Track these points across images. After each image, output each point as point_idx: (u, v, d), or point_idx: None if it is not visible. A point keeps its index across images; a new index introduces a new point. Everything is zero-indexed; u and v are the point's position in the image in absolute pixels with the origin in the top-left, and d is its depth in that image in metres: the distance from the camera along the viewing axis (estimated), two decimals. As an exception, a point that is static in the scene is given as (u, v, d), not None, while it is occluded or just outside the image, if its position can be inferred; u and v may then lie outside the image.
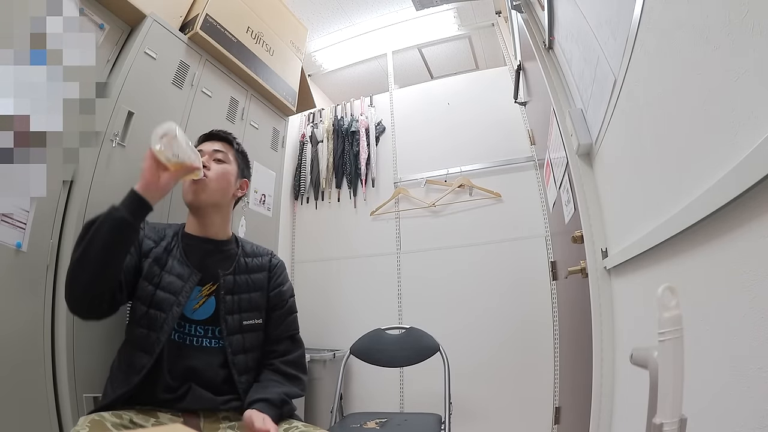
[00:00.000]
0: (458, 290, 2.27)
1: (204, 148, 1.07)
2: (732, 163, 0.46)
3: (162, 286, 0.94)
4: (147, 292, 0.93)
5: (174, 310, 0.92)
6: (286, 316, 1.07)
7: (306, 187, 2.82)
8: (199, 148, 1.07)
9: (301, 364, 1.05)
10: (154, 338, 0.89)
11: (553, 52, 1.49)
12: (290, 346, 1.06)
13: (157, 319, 0.91)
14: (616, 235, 1.04)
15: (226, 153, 1.09)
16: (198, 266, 0.98)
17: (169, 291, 0.93)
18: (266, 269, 1.09)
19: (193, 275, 0.96)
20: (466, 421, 2.07)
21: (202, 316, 0.96)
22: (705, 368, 0.57)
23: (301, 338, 1.09)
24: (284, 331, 1.06)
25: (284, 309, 1.07)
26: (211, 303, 0.97)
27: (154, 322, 0.91)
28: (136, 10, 1.23)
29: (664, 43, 0.65)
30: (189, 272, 0.97)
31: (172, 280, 0.94)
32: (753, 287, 0.46)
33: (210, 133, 1.13)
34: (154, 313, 0.91)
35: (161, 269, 0.95)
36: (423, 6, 2.56)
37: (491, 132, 2.43)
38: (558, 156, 1.46)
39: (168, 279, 0.94)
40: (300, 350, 1.07)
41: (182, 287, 0.94)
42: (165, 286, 0.94)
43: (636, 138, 0.83)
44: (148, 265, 0.95)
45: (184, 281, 0.95)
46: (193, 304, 0.96)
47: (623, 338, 1.02)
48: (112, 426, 0.76)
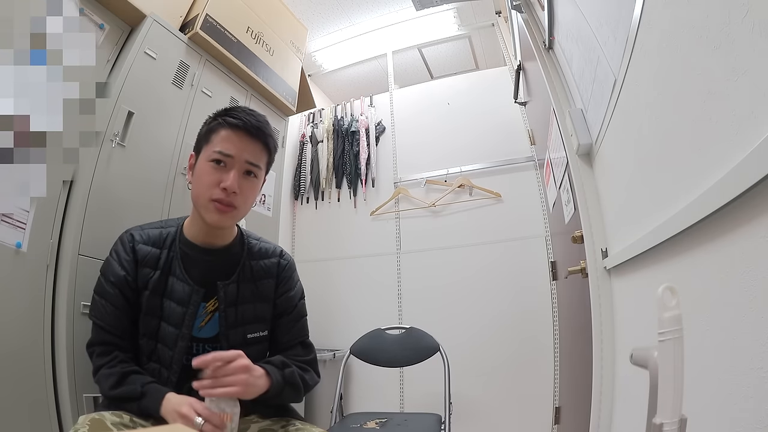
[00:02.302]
0: (458, 290, 2.27)
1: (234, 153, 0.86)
2: (732, 163, 0.46)
3: (165, 317, 0.88)
4: (152, 327, 0.88)
5: (179, 345, 0.86)
6: (296, 321, 1.00)
7: (306, 187, 2.82)
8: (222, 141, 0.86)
9: (314, 365, 0.99)
10: (166, 376, 0.86)
11: (553, 52, 1.49)
12: (301, 352, 0.98)
13: (166, 356, 0.87)
14: (616, 235, 1.04)
15: (260, 166, 0.90)
16: (200, 281, 0.89)
17: (172, 323, 0.87)
18: (274, 275, 0.99)
19: (194, 294, 0.88)
20: (466, 421, 2.07)
21: (208, 334, 0.91)
22: (705, 368, 0.57)
23: (312, 342, 1.02)
24: (294, 337, 0.99)
25: (293, 314, 1.00)
26: (217, 319, 0.91)
27: (163, 358, 0.87)
28: (136, 10, 1.23)
29: (664, 43, 0.65)
30: (190, 291, 0.88)
31: (173, 308, 0.88)
32: (753, 287, 0.46)
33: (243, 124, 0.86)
34: (162, 349, 0.87)
35: (161, 297, 0.88)
36: (423, 6, 2.56)
37: (491, 132, 2.43)
38: (558, 156, 1.46)
39: (170, 308, 0.88)
40: (312, 354, 1.00)
41: (184, 314, 0.87)
42: (168, 317, 0.88)
43: (636, 138, 0.82)
44: (147, 299, 0.87)
45: (185, 306, 0.88)
46: (198, 322, 0.89)
47: (623, 338, 1.02)
48: (112, 425, 0.76)
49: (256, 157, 0.89)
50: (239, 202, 0.87)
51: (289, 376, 0.87)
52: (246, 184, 0.88)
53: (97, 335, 0.88)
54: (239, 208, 0.88)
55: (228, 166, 0.86)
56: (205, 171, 0.87)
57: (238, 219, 0.92)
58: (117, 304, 0.87)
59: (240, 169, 0.87)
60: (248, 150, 0.88)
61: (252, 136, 0.88)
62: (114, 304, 0.87)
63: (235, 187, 0.85)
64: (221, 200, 0.85)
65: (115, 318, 0.87)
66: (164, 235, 0.92)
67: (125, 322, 0.88)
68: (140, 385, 0.80)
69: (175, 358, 0.87)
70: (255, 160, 0.89)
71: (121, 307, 0.87)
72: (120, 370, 0.82)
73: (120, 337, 0.87)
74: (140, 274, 0.88)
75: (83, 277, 1.02)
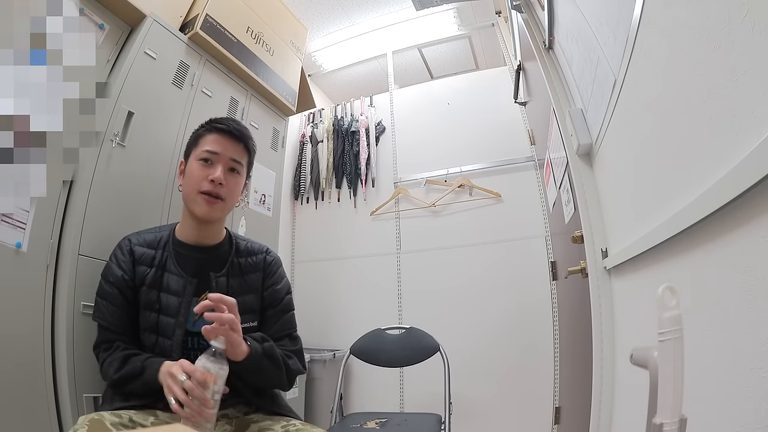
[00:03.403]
0: (458, 290, 2.27)
1: (219, 150, 0.97)
2: (732, 163, 0.46)
3: (162, 309, 0.93)
4: (151, 321, 0.93)
5: (177, 333, 0.92)
6: (282, 314, 1.05)
7: (306, 187, 2.82)
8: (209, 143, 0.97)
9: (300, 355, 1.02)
10: None
11: (553, 52, 1.49)
12: (288, 343, 1.03)
13: (166, 347, 0.92)
14: (616, 235, 1.04)
15: (242, 162, 1.02)
16: (192, 275, 0.96)
17: (169, 314, 0.93)
18: (261, 269, 1.06)
19: (188, 285, 0.95)
20: (466, 421, 2.07)
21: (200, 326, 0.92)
22: (705, 368, 0.57)
23: (299, 336, 1.06)
24: (281, 329, 1.03)
25: (279, 307, 1.05)
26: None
27: (164, 349, 0.92)
28: (136, 10, 1.23)
29: (664, 43, 0.65)
30: (184, 283, 0.95)
31: (170, 300, 0.94)
32: (753, 287, 0.46)
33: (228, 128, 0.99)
34: (162, 340, 0.93)
35: (158, 291, 0.94)
36: (423, 6, 2.56)
37: (491, 132, 2.43)
38: (558, 156, 1.46)
39: (167, 301, 0.94)
40: (298, 346, 1.04)
41: (179, 304, 0.93)
42: (165, 308, 0.93)
43: (636, 138, 0.83)
44: (145, 294, 0.94)
45: (180, 296, 0.94)
46: (193, 317, 0.93)
47: (623, 338, 1.02)
48: (111, 425, 0.76)
49: (239, 156, 1.01)
50: (225, 194, 0.97)
51: (268, 349, 0.91)
52: (231, 179, 0.99)
53: (101, 335, 0.94)
54: (226, 200, 0.98)
55: (215, 162, 0.97)
56: (194, 169, 0.98)
57: (226, 212, 1.01)
58: (117, 303, 0.93)
59: (225, 166, 0.98)
60: (232, 149, 0.99)
61: (235, 138, 1.00)
62: (114, 303, 0.93)
63: (221, 179, 0.96)
64: (210, 192, 0.95)
65: (117, 316, 0.93)
66: (158, 238, 1.01)
67: (126, 320, 0.94)
68: (140, 362, 0.86)
69: (174, 348, 0.92)
70: (238, 158, 1.00)
71: (120, 305, 0.93)
72: (121, 354, 0.89)
73: (122, 334, 0.93)
74: (137, 272, 0.95)
75: (83, 277, 1.02)
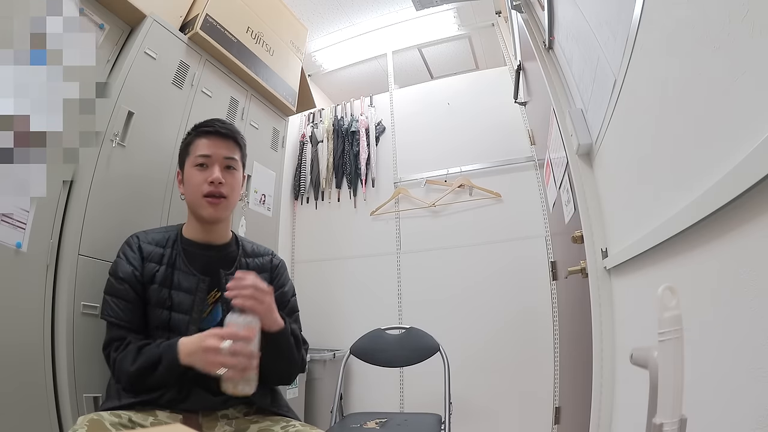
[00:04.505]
0: (458, 290, 2.27)
1: (212, 152, 0.99)
2: (732, 163, 0.46)
3: (174, 307, 0.93)
4: (162, 318, 0.92)
5: (190, 330, 0.91)
6: (289, 315, 1.05)
7: (306, 187, 2.82)
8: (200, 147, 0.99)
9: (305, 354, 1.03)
10: None
11: (553, 52, 1.49)
12: None
13: None
14: (616, 235, 1.04)
15: (236, 158, 1.03)
16: (203, 272, 0.97)
17: (181, 311, 0.93)
18: (268, 270, 1.08)
19: (201, 283, 0.96)
20: (466, 421, 2.07)
21: (211, 324, 0.95)
22: (705, 368, 0.57)
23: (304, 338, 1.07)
24: None
25: (286, 309, 1.05)
26: (218, 310, 0.97)
27: None
28: (136, 10, 1.23)
29: (664, 43, 0.65)
30: (196, 281, 0.95)
31: (182, 298, 0.94)
32: (753, 287, 0.46)
33: (215, 129, 1.01)
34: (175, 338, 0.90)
35: (170, 289, 0.94)
36: (423, 6, 2.56)
37: (491, 132, 2.43)
38: (558, 156, 1.46)
39: (178, 298, 0.94)
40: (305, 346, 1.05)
41: (192, 302, 0.94)
42: (177, 306, 0.93)
43: (636, 138, 0.83)
44: (155, 292, 0.93)
45: (193, 294, 0.94)
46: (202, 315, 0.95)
47: (623, 338, 1.02)
48: (110, 425, 0.76)
49: (231, 152, 1.02)
50: (227, 191, 0.99)
51: (292, 328, 0.97)
52: (229, 176, 1.01)
53: (111, 332, 0.92)
54: (228, 197, 1.00)
55: (210, 164, 0.99)
56: (192, 175, 0.99)
57: (230, 209, 1.03)
58: (128, 298, 0.93)
59: (221, 165, 1.00)
60: (223, 148, 1.01)
61: (223, 136, 1.02)
62: (125, 298, 0.92)
63: (220, 178, 0.97)
64: (212, 193, 0.97)
65: (128, 312, 0.92)
66: (166, 237, 1.01)
67: (137, 316, 0.93)
68: (156, 347, 0.86)
69: None
70: (231, 155, 1.02)
71: (132, 300, 0.93)
72: (134, 347, 0.88)
73: (135, 331, 0.92)
74: (146, 268, 0.95)
75: (83, 277, 1.02)
